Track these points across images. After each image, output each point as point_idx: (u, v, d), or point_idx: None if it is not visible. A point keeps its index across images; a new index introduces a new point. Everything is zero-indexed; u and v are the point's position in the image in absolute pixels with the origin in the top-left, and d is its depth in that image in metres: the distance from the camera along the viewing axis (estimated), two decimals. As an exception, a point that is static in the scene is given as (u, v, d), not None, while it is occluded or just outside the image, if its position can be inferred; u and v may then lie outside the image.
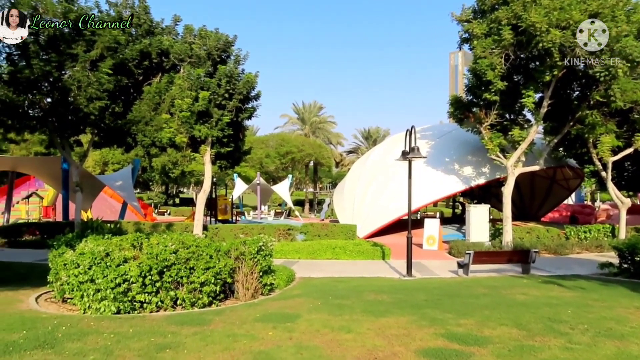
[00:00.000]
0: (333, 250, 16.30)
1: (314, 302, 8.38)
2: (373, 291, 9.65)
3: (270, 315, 7.34)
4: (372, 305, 8.12)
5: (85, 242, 8.35)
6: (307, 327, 6.58)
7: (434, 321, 6.94)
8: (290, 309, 7.76)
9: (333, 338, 6.08)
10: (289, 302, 8.44)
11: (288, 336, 6.15)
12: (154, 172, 43.40)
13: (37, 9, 15.46)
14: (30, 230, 20.62)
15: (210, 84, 17.04)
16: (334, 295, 9.14)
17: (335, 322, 6.85)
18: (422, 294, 9.42)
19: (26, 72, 15.53)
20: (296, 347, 5.68)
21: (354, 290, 9.95)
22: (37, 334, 6.02)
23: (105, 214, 26.41)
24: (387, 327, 6.60)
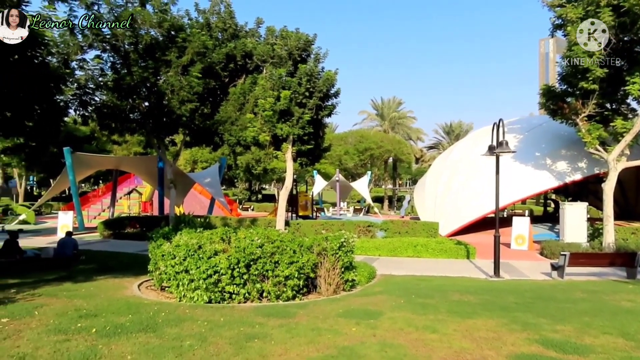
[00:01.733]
0: (414, 248, 15.98)
1: (396, 300, 8.27)
2: (458, 291, 9.31)
3: (353, 311, 7.37)
4: (457, 306, 7.84)
5: (180, 235, 8.96)
6: (390, 325, 6.52)
7: (526, 325, 6.54)
8: (372, 306, 7.73)
9: (418, 337, 5.96)
10: (371, 299, 8.42)
11: (371, 333, 6.13)
12: (239, 169, 45.41)
13: (137, 20, 16.81)
14: (132, 223, 22.55)
15: (291, 83, 17.45)
16: (416, 293, 8.96)
17: (419, 321, 6.71)
18: (511, 296, 8.92)
19: (127, 79, 16.96)
20: (380, 344, 5.64)
21: (437, 289, 9.67)
22: (141, 318, 6.57)
23: (195, 209, 28.13)
24: (475, 329, 6.33)
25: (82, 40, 16.73)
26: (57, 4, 12.66)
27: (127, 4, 17.32)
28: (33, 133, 13.04)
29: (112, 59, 17.88)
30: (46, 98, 11.88)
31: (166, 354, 5.10)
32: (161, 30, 17.44)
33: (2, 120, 11.70)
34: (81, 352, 5.06)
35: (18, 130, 12.32)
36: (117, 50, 17.44)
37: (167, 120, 18.56)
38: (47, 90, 11.73)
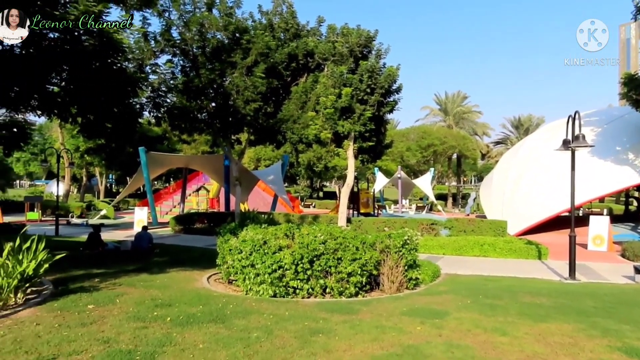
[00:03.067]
0: (481, 247, 15.42)
1: (462, 300, 8.04)
2: (529, 293, 8.87)
3: (417, 310, 7.26)
4: (529, 308, 7.47)
5: (246, 231, 9.26)
6: (457, 325, 6.35)
7: (606, 332, 6.10)
8: (437, 305, 7.57)
9: (486, 339, 5.75)
10: (435, 298, 8.24)
11: (437, 333, 6.00)
12: (301, 167, 46.05)
13: (204, 25, 17.55)
14: (200, 219, 23.61)
15: (352, 80, 17.44)
16: (484, 294, 8.64)
17: (487, 323, 6.48)
18: (589, 300, 8.35)
19: (196, 81, 17.76)
20: (446, 344, 5.51)
21: (506, 290, 9.27)
22: (211, 309, 6.88)
23: (259, 206, 28.92)
24: (549, 334, 6.01)
25: (155, 45, 17.75)
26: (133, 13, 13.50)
27: (195, 10, 18.14)
28: (112, 134, 14.00)
29: (182, 63, 18.81)
30: (124, 101, 12.71)
31: (235, 344, 5.30)
32: (227, 33, 18.08)
33: (86, 123, 12.69)
34: (158, 339, 5.39)
35: (100, 132, 13.29)
36: (187, 54, 18.30)
37: (233, 120, 19.20)
38: (124, 94, 12.55)
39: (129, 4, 12.36)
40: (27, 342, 5.15)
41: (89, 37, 10.67)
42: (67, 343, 5.15)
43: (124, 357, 4.73)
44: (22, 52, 10.88)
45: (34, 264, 6.90)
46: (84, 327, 5.77)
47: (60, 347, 5.03)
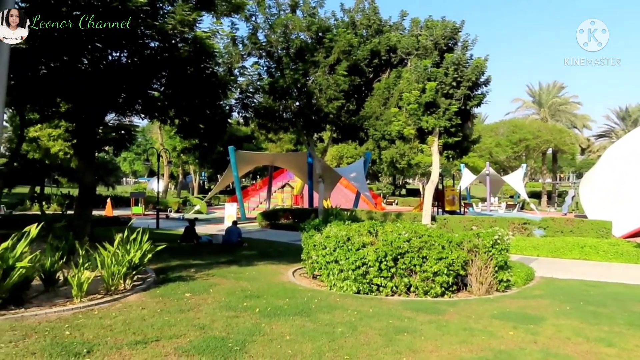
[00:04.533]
0: (581, 249, 14.20)
1: (560, 305, 7.46)
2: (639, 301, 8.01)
3: (509, 313, 6.87)
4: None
5: (330, 227, 9.38)
6: (554, 333, 5.91)
7: None
8: (532, 310, 7.10)
9: (589, 349, 5.29)
10: (529, 303, 7.74)
11: (532, 339, 5.63)
12: (383, 164, 45.63)
13: (288, 26, 18.04)
14: (285, 215, 24.36)
15: (437, 74, 16.90)
16: (585, 300, 7.95)
17: (590, 332, 5.96)
18: None
19: (280, 82, 18.32)
20: (543, 352, 5.16)
21: (612, 297, 8.45)
22: (296, 303, 7.07)
23: (341, 203, 29.15)
24: (665, 348, 5.38)
25: (243, 49, 18.59)
26: (222, 19, 14.24)
27: (280, 12, 18.71)
28: (205, 134, 14.92)
29: (267, 64, 19.52)
30: (215, 103, 13.49)
31: (320, 338, 5.40)
32: (310, 33, 18.43)
33: (183, 124, 13.65)
34: (248, 328, 5.65)
35: (194, 132, 14.23)
36: (272, 56, 18.95)
37: (316, 118, 19.54)
38: (216, 97, 13.32)
39: (220, 10, 13.06)
40: (135, 324, 5.67)
41: (184, 44, 11.44)
42: (168, 327, 5.59)
43: (218, 343, 5.03)
44: (128, 61, 11.98)
45: (139, 253, 7.59)
46: (182, 314, 6.22)
47: (163, 330, 5.47)
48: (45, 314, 5.91)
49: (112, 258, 7.18)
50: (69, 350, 4.63)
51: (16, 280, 6.08)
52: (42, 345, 4.76)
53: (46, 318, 5.77)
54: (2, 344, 4.75)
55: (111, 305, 6.54)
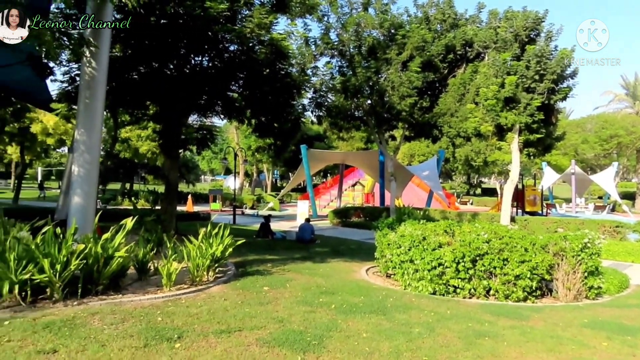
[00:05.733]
0: (685, 256, 12.83)
1: (662, 317, 6.81)
2: None
3: (601, 323, 6.38)
4: None
5: (404, 226, 9.26)
6: (656, 346, 5.41)
7: None
8: (628, 320, 6.55)
9: (699, 367, 4.79)
10: (625, 312, 7.14)
11: (630, 352, 5.20)
12: (457, 162, 44.19)
13: (360, 24, 18.03)
14: (356, 213, 24.40)
15: (517, 67, 16.05)
16: (692, 313, 7.18)
17: (699, 348, 5.38)
18: None
19: (352, 80, 18.37)
20: (643, 366, 4.75)
21: None
22: (372, 301, 7.08)
23: (413, 202, 28.59)
24: None
25: (315, 49, 18.87)
26: (296, 20, 14.55)
27: (352, 10, 18.75)
28: (279, 133, 15.35)
29: (339, 64, 19.65)
30: (290, 103, 13.83)
31: (397, 337, 5.37)
32: (382, 30, 18.30)
33: (259, 124, 14.13)
34: (324, 324, 5.75)
35: (269, 131, 14.69)
36: (344, 55, 19.05)
37: (388, 116, 19.37)
38: (290, 97, 13.65)
39: (294, 12, 13.36)
40: (218, 314, 5.98)
41: (261, 47, 11.84)
42: (249, 318, 5.83)
43: (297, 337, 5.17)
44: (209, 65, 12.63)
45: (221, 247, 7.98)
46: (262, 306, 6.46)
47: (244, 321, 5.72)
48: (139, 300, 6.41)
49: (197, 251, 7.63)
50: (161, 335, 4.99)
51: (115, 269, 6.66)
52: (139, 329, 5.18)
53: (140, 304, 6.25)
54: (105, 325, 5.23)
55: (196, 295, 6.95)
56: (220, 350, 4.71)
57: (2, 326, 5.00)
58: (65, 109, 13.26)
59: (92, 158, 8.47)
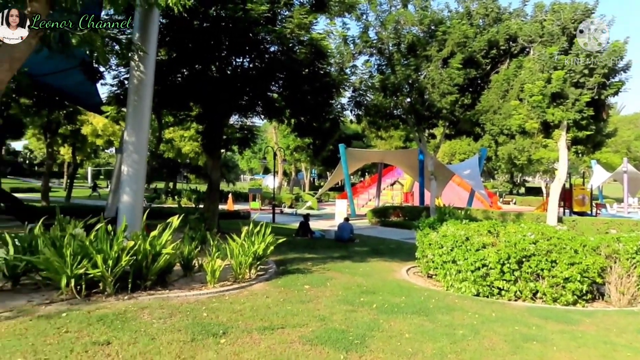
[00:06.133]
0: None
1: None
2: None
3: (659, 329, 6.05)
4: None
5: (446, 226, 9.10)
6: None
7: None
8: (689, 328, 6.17)
9: None
10: (685, 319, 6.73)
11: (692, 361, 4.91)
12: (500, 160, 42.96)
13: (399, 22, 17.84)
14: (395, 212, 24.17)
15: (565, 61, 15.43)
16: None
17: None
18: None
19: (392, 78, 18.20)
20: None
21: None
22: (413, 302, 7.00)
23: (454, 201, 27.99)
24: None
25: (354, 48, 18.82)
26: (334, 19, 14.56)
27: (391, 8, 18.57)
28: (318, 133, 15.42)
29: (378, 62, 19.52)
30: (329, 102, 13.87)
31: (441, 339, 5.28)
32: (422, 27, 18.04)
33: (298, 123, 14.25)
34: (366, 323, 5.74)
35: (308, 131, 14.78)
36: (382, 53, 18.91)
37: (428, 114, 19.07)
38: (329, 96, 13.68)
39: (333, 11, 13.38)
40: (261, 311, 6.08)
41: (301, 47, 11.93)
42: (291, 316, 5.90)
43: (339, 336, 5.18)
44: (250, 66, 12.84)
45: (263, 245, 8.11)
46: (303, 304, 6.51)
47: (286, 318, 5.79)
48: (185, 296, 6.62)
49: (239, 249, 7.78)
50: (207, 330, 5.13)
51: (162, 265, 6.90)
52: (186, 323, 5.35)
53: (186, 300, 6.45)
54: (154, 319, 5.43)
55: (239, 292, 7.10)
56: (264, 346, 4.79)
57: (60, 318, 5.29)
58: (115, 112, 13.84)
59: (140, 158, 8.81)
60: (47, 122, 22.20)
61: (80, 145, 28.81)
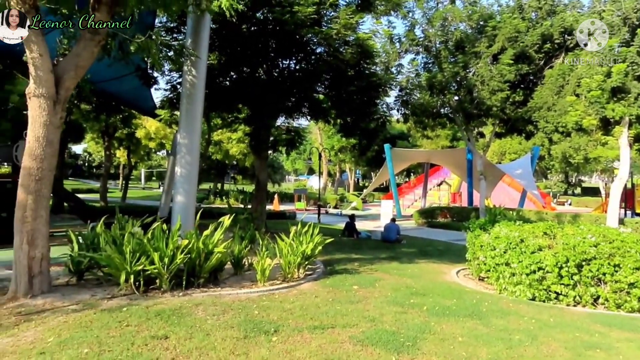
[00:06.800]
0: None
1: None
2: None
3: None
4: None
5: (499, 227, 8.80)
6: None
7: None
8: None
9: None
10: None
11: None
12: (553, 159, 41.12)
13: (447, 18, 17.46)
14: (443, 213, 23.67)
15: (627, 54, 14.55)
16: None
17: None
18: None
19: (439, 76, 17.84)
20: None
21: None
22: (465, 304, 6.82)
23: (504, 202, 27.03)
24: None
25: (400, 47, 18.60)
26: (380, 18, 14.46)
27: (438, 5, 18.22)
28: (364, 132, 15.35)
29: (424, 60, 19.19)
30: (375, 102, 13.78)
31: (496, 344, 5.12)
32: (471, 23, 17.57)
33: (344, 124, 14.26)
34: (417, 325, 5.65)
35: (354, 131, 14.75)
36: (429, 51, 18.57)
37: (477, 112, 18.55)
38: (375, 96, 13.60)
39: (379, 10, 13.29)
40: (310, 310, 6.12)
41: (347, 47, 11.93)
42: (341, 316, 5.90)
43: (390, 337, 5.13)
44: (297, 67, 12.98)
45: (311, 245, 8.17)
46: (352, 305, 6.50)
47: (336, 318, 5.80)
48: (236, 294, 6.77)
49: (288, 248, 7.88)
50: (259, 328, 5.23)
51: (214, 263, 7.10)
52: (238, 320, 5.47)
53: (237, 297, 6.60)
54: (208, 316, 5.59)
55: (288, 291, 7.18)
56: (315, 346, 4.82)
57: (121, 312, 5.55)
58: (167, 115, 14.39)
59: (192, 159, 9.11)
60: (105, 126, 23.39)
61: (134, 148, 30.17)
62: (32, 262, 6.13)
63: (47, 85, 6.07)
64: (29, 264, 6.11)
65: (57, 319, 5.28)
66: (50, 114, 6.14)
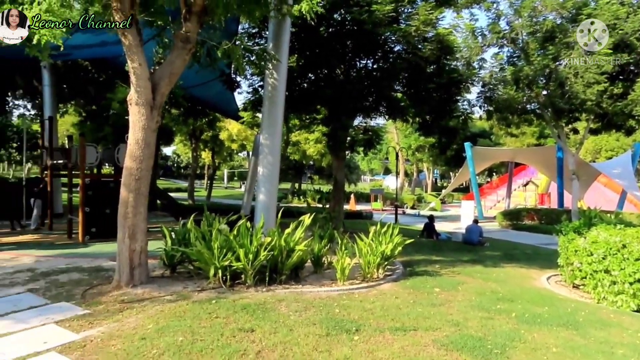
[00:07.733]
0: None
1: None
2: None
3: None
4: None
5: (597, 231, 8.10)
6: None
7: None
8: None
9: None
10: None
11: None
12: (658, 157, 37.04)
13: (536, 8, 16.40)
14: (529, 215, 22.29)
15: None
16: None
17: None
18: None
19: (525, 70, 16.80)
20: None
21: None
22: (559, 313, 6.36)
23: (600, 204, 24.84)
24: None
25: (482, 41, 17.79)
26: (462, 12, 13.92)
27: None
28: (444, 131, 14.88)
29: (509, 53, 18.17)
30: (455, 99, 13.31)
31: (595, 357, 4.72)
32: (562, 11, 16.36)
33: (423, 123, 13.94)
34: (505, 332, 5.37)
35: (434, 130, 14.36)
36: (515, 43, 17.56)
37: (568, 107, 17.21)
38: (455, 93, 13.13)
39: (460, 4, 12.82)
40: (391, 311, 6.06)
41: (426, 44, 11.65)
42: (423, 319, 5.78)
43: (476, 343, 4.93)
44: (374, 66, 12.91)
45: (391, 245, 8.08)
46: (434, 307, 6.33)
47: (418, 321, 5.69)
48: (317, 292, 6.88)
49: (367, 248, 7.86)
50: (341, 326, 5.27)
51: (295, 261, 7.27)
52: (320, 318, 5.55)
53: (318, 295, 6.70)
54: (290, 312, 5.75)
55: (368, 291, 7.16)
56: (397, 347, 4.76)
57: (211, 304, 5.88)
58: (249, 117, 14.97)
59: (274, 160, 9.40)
60: (192, 129, 24.91)
61: (218, 150, 31.79)
62: (133, 254, 6.69)
63: (146, 92, 6.59)
64: (130, 257, 6.67)
65: (154, 308, 5.72)
66: (148, 119, 6.65)
